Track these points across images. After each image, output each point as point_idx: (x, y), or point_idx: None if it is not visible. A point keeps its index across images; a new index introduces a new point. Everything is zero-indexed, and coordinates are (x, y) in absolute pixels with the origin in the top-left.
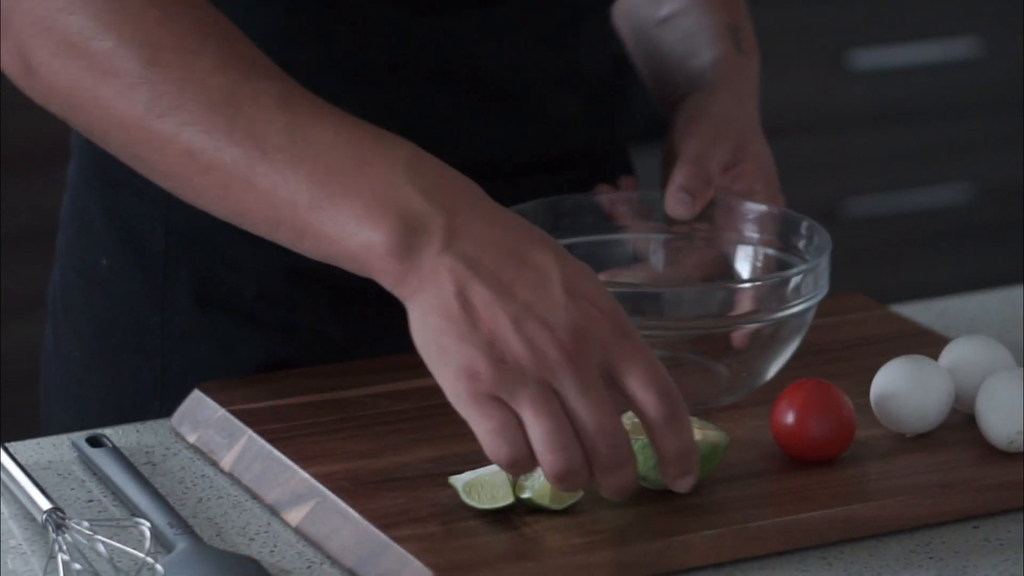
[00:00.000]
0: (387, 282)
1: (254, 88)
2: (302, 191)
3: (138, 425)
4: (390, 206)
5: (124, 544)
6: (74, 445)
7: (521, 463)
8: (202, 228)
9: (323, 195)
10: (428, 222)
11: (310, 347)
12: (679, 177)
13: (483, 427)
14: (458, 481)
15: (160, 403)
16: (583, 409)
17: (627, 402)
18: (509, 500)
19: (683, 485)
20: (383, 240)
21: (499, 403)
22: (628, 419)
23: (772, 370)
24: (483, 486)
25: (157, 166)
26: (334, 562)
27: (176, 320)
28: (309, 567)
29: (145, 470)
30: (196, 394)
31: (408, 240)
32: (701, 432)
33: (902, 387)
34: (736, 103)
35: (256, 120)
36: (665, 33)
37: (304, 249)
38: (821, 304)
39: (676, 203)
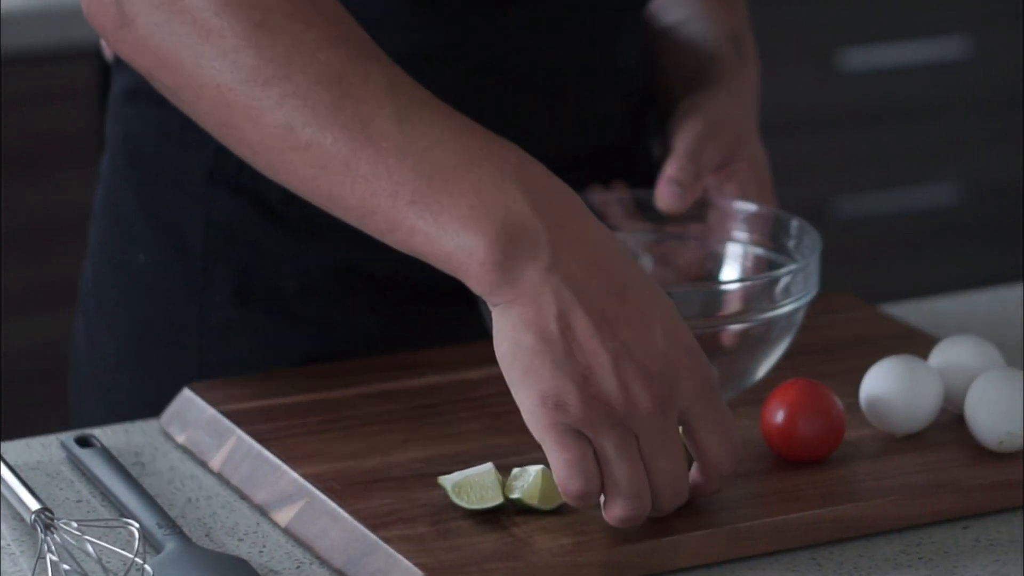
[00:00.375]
0: (479, 288)
1: (364, 69)
2: (405, 183)
3: (127, 425)
4: (496, 212)
5: (113, 544)
6: (63, 445)
7: (590, 499)
8: (242, 224)
9: (427, 190)
10: (534, 235)
11: (349, 343)
12: (670, 170)
13: (560, 457)
14: (447, 481)
15: None
16: (661, 460)
17: (694, 451)
18: (498, 500)
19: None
20: (484, 247)
21: (579, 436)
22: None
23: (762, 370)
24: (472, 486)
25: (249, 137)
26: (323, 562)
27: (214, 316)
28: (298, 567)
29: (134, 470)
30: (185, 394)
31: (511, 251)
32: None
33: (892, 387)
34: (734, 103)
35: (364, 102)
36: (668, 42)
37: (393, 241)
38: (811, 304)
39: (666, 195)
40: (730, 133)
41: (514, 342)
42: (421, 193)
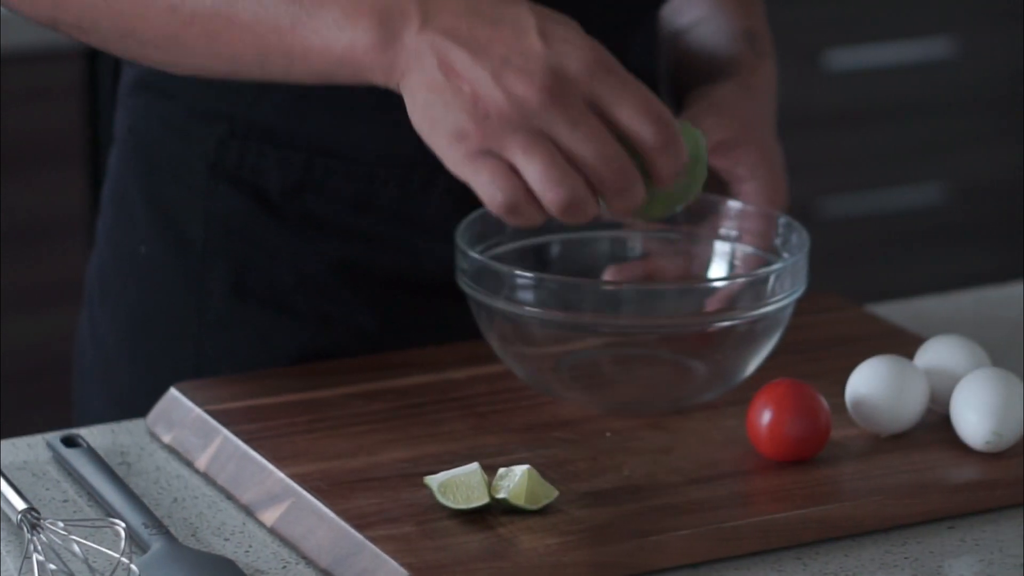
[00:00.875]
0: (379, 78)
1: None
2: (281, 14)
3: (113, 425)
4: (365, 3)
5: (99, 544)
6: (49, 445)
7: (518, 207)
8: (241, 217)
9: (301, 11)
10: (403, 7)
11: (345, 338)
12: None
13: (478, 180)
14: (433, 481)
15: None
16: (577, 142)
17: (621, 133)
18: (484, 500)
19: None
20: (364, 35)
21: (489, 156)
22: None
23: (749, 368)
24: (458, 486)
25: (146, 34)
26: (309, 562)
27: (212, 309)
28: (284, 567)
29: (120, 470)
30: (171, 394)
31: (387, 28)
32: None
33: (878, 387)
34: (741, 93)
35: None
36: (682, 43)
37: (298, 75)
38: (797, 304)
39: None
40: (734, 116)
41: (416, 106)
42: (298, 16)
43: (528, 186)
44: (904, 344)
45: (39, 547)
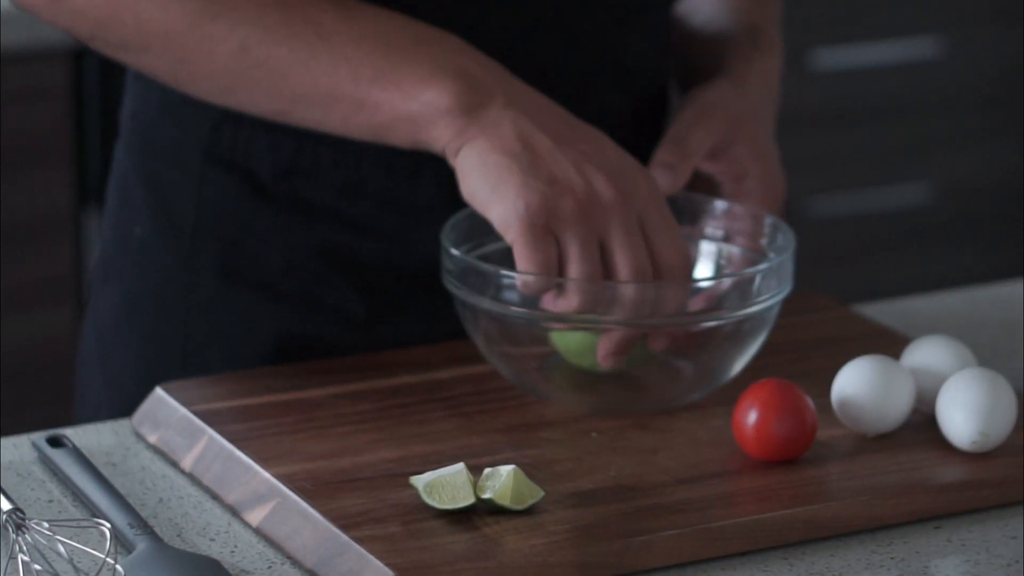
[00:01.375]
0: (442, 139)
1: None
2: (364, 65)
3: (98, 425)
4: (452, 70)
5: (84, 545)
6: (34, 445)
7: (541, 289)
8: (232, 201)
9: (387, 65)
10: (488, 85)
11: (332, 323)
12: (658, 155)
13: (525, 252)
14: (419, 481)
15: (182, 373)
16: (625, 249)
17: (652, 255)
18: (470, 500)
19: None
20: (446, 96)
21: (547, 237)
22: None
23: (735, 368)
24: (444, 487)
25: (204, 68)
26: (295, 562)
27: (201, 290)
28: (270, 567)
29: (105, 470)
30: (156, 394)
31: (471, 97)
32: None
33: (864, 387)
34: (732, 90)
35: (310, 10)
36: (695, 43)
37: (356, 126)
38: (784, 304)
39: (655, 175)
40: (724, 118)
41: (480, 167)
42: (382, 68)
43: (561, 274)
44: (890, 344)
45: (24, 547)
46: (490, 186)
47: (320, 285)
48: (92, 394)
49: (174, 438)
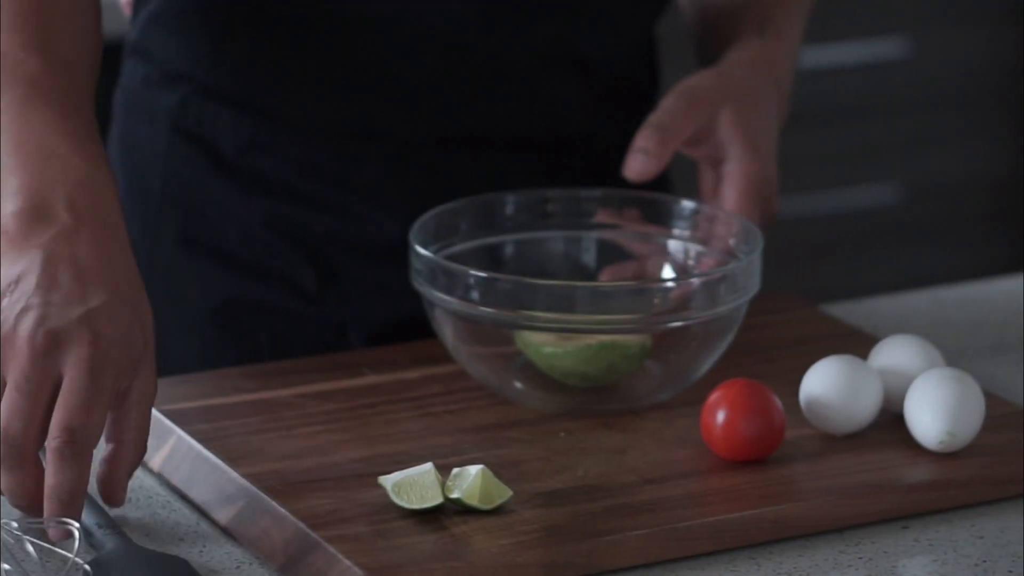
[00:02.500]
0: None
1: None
2: None
3: None
4: (26, 189)
5: (53, 545)
6: None
7: None
8: (196, 171)
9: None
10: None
11: (282, 292)
12: (637, 141)
13: None
14: (387, 481)
15: None
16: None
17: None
18: (438, 500)
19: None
20: (13, 208)
21: None
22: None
23: (703, 368)
24: (412, 486)
25: None
26: (263, 562)
27: (161, 255)
28: (238, 567)
29: None
30: None
31: (31, 221)
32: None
33: (832, 387)
34: (717, 78)
35: None
36: (702, 27)
37: None
38: (750, 304)
39: (632, 161)
40: (706, 103)
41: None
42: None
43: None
44: (858, 344)
45: None
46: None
47: (272, 255)
48: None
49: None
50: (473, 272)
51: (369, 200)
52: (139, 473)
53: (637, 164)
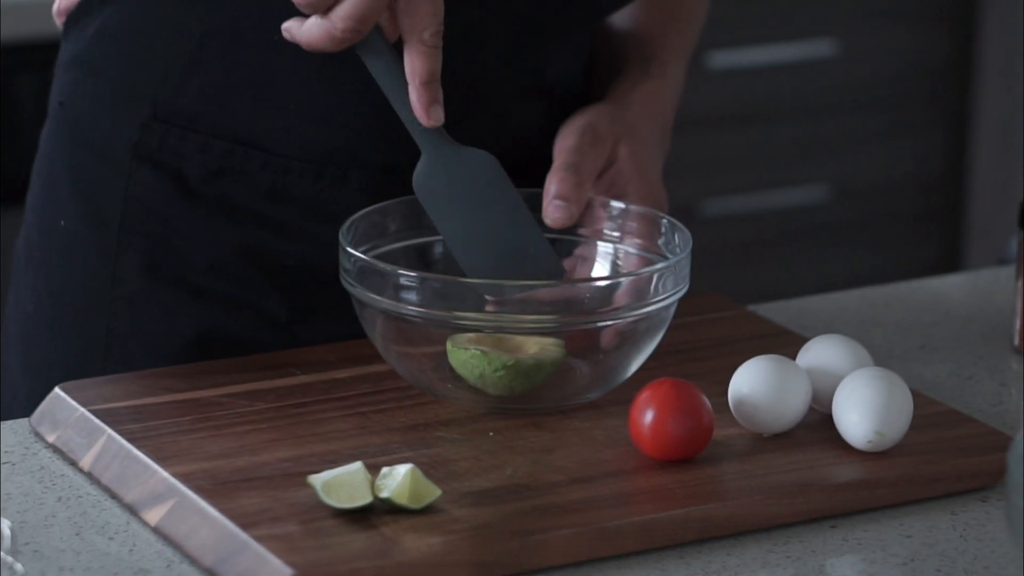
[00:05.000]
0: None
1: None
2: None
3: None
4: None
5: None
6: None
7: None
8: (160, 199)
9: None
10: None
11: (253, 323)
12: (552, 186)
13: None
14: (317, 481)
15: (103, 365)
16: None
17: (405, 20)
18: (367, 500)
19: (433, 116)
20: None
21: None
22: (464, 337)
23: (631, 368)
24: (342, 486)
25: None
26: (193, 561)
27: (124, 286)
28: (168, 566)
29: (4, 469)
30: (55, 393)
31: None
32: (539, 346)
33: (760, 387)
34: (612, 113)
35: None
36: (603, 41)
37: None
38: (679, 303)
39: (553, 211)
40: (607, 140)
41: None
42: None
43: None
44: (787, 344)
45: None
46: None
47: (242, 285)
48: (11, 380)
49: (73, 437)
50: (402, 271)
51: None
52: (69, 472)
53: (560, 213)
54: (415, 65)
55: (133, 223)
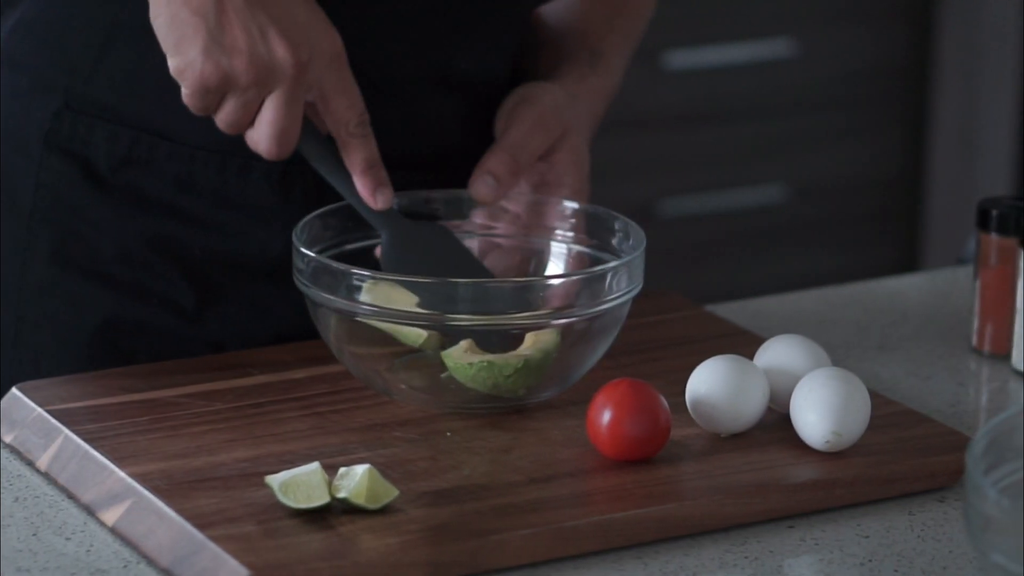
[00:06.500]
0: None
1: None
2: None
3: None
4: None
5: None
6: None
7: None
8: (69, 188)
9: None
10: None
11: (162, 311)
12: (488, 162)
13: (191, 104)
14: (274, 481)
15: (14, 352)
16: (273, 112)
17: (328, 114)
18: (325, 500)
19: (381, 200)
20: None
21: (218, 95)
22: (460, 350)
23: (586, 365)
24: (299, 486)
25: None
26: (150, 561)
27: (33, 274)
28: (125, 566)
29: None
30: (12, 393)
31: None
32: (534, 338)
33: (717, 387)
34: (568, 99)
35: None
36: (543, 29)
37: None
38: (636, 304)
39: (480, 185)
40: (559, 126)
41: (170, 15)
42: None
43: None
44: (744, 344)
45: None
46: (175, 39)
47: (151, 274)
48: None
49: (30, 437)
50: (356, 271)
51: (250, 218)
52: (26, 472)
53: (486, 189)
54: (351, 156)
55: (43, 212)
